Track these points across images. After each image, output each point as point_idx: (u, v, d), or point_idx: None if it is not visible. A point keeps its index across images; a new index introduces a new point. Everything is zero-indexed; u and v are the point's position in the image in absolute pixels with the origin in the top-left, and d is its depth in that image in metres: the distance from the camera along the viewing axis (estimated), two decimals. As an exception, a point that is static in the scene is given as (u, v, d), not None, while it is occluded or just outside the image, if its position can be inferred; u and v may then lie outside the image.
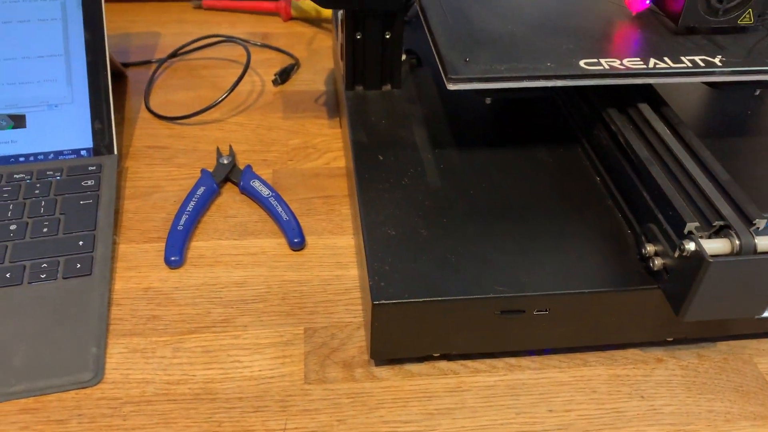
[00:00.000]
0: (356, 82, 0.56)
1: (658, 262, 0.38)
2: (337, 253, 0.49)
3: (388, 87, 0.56)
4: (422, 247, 0.41)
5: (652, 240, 0.39)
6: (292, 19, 0.80)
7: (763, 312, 0.38)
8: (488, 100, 0.47)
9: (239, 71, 0.68)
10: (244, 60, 0.71)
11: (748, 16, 0.44)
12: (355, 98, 0.55)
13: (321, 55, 0.74)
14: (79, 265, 0.46)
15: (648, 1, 0.46)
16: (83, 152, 0.55)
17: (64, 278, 0.45)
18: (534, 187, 0.46)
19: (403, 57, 0.57)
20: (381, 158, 0.48)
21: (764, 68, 0.43)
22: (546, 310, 0.39)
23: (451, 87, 0.41)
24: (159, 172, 0.56)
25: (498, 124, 0.52)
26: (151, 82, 0.67)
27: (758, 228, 0.36)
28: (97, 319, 0.43)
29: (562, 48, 0.44)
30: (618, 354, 0.43)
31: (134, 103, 0.65)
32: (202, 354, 0.42)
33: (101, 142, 0.55)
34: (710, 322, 0.42)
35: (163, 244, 0.49)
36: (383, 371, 0.42)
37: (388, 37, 0.53)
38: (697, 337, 0.44)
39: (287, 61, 0.72)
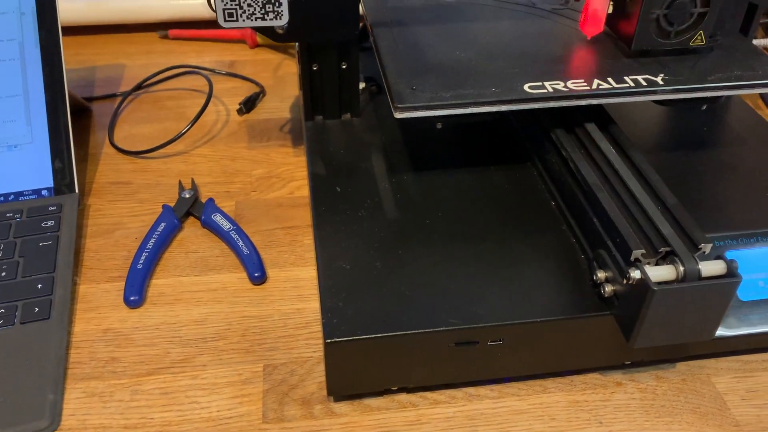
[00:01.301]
0: (315, 112, 0.56)
1: (608, 288, 0.38)
2: (298, 286, 0.49)
3: (347, 116, 0.56)
4: (377, 281, 0.41)
5: (603, 266, 0.39)
6: (258, 46, 0.81)
7: (713, 334, 0.38)
8: (439, 125, 0.48)
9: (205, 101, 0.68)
10: (208, 90, 0.71)
11: (699, 37, 0.45)
12: (314, 128, 0.55)
13: (287, 82, 0.74)
14: (37, 309, 0.45)
15: (602, 26, 0.46)
16: (44, 192, 0.55)
17: (21, 323, 0.45)
18: (489, 212, 0.46)
19: (363, 85, 0.58)
20: (339, 190, 0.48)
21: (704, 85, 0.43)
22: (500, 340, 0.39)
23: (398, 115, 0.42)
24: (121, 208, 0.56)
25: (455, 148, 0.52)
26: (115, 115, 0.67)
27: (704, 252, 0.37)
28: (55, 364, 0.43)
29: (508, 72, 0.44)
30: (577, 379, 0.43)
31: (99, 138, 0.65)
32: (160, 396, 0.42)
33: (62, 181, 0.55)
34: (678, 345, 0.42)
35: (124, 283, 0.49)
36: (342, 407, 0.41)
37: (344, 67, 0.54)
38: (656, 359, 0.44)
39: (253, 89, 0.72)
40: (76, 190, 0.55)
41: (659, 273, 0.35)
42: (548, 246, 0.43)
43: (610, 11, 0.46)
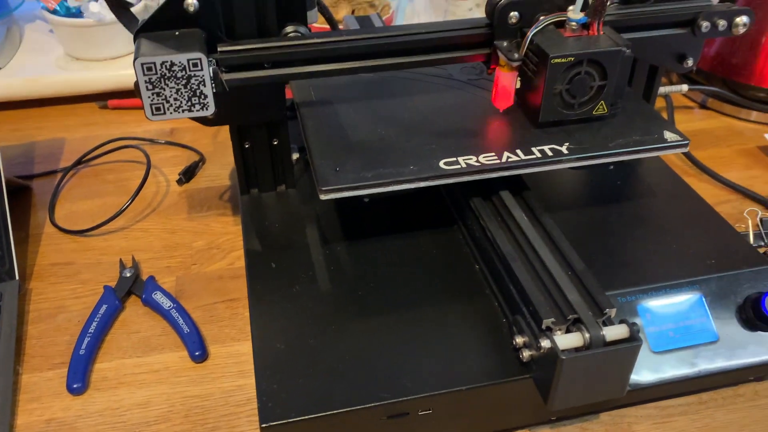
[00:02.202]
0: (250, 186, 0.58)
1: (526, 353, 0.41)
2: (240, 361, 0.51)
3: (282, 187, 0.58)
4: (310, 359, 0.43)
5: (520, 332, 0.42)
6: (198, 111, 0.82)
7: (624, 392, 0.41)
8: (366, 200, 0.50)
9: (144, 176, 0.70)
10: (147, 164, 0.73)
11: (601, 107, 0.48)
12: (250, 202, 0.57)
13: (227, 147, 0.75)
14: (-23, 406, 0.46)
15: (512, 100, 0.49)
16: (-17, 281, 0.55)
17: (-38, 421, 0.45)
18: (419, 279, 0.49)
19: (296, 156, 0.60)
20: (273, 265, 0.50)
21: (605, 152, 0.47)
22: (429, 410, 0.42)
23: (323, 197, 0.44)
24: (63, 290, 0.57)
25: (385, 217, 0.55)
26: (56, 193, 0.68)
27: (610, 317, 0.40)
28: (-3, 461, 0.43)
29: (425, 149, 0.47)
30: (507, 437, 0.45)
31: (39, 218, 0.65)
32: (104, 486, 0.43)
33: (1, 269, 0.56)
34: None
35: (67, 370, 0.50)
36: (284, 482, 0.43)
37: (275, 143, 0.56)
38: (580, 413, 0.46)
39: (193, 158, 0.74)
40: (17, 277, 0.56)
41: (567, 341, 0.38)
42: (473, 311, 0.46)
43: (518, 86, 0.49)
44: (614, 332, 0.38)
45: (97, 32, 0.81)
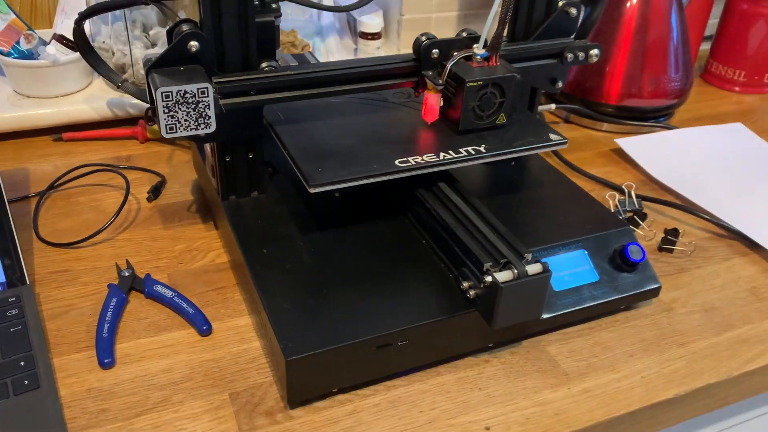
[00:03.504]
0: (230, 193, 0.70)
1: (472, 293, 0.57)
2: (240, 332, 0.62)
3: (256, 194, 0.71)
4: (312, 312, 0.56)
5: (466, 278, 0.57)
6: (148, 140, 0.92)
7: (542, 313, 0.57)
8: (337, 194, 0.64)
9: (114, 193, 0.79)
10: (116, 183, 0.82)
11: (502, 117, 0.66)
12: (231, 206, 0.69)
13: (183, 169, 0.86)
14: (26, 382, 0.54)
15: (437, 115, 0.66)
16: (-2, 287, 0.63)
17: (15, 395, 0.53)
18: (382, 253, 0.63)
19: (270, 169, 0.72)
20: (265, 251, 0.63)
21: (512, 149, 0.64)
22: (406, 341, 0.56)
23: (312, 191, 0.58)
24: (69, 292, 0.66)
25: (349, 211, 0.68)
26: (36, 214, 0.76)
27: (528, 260, 0.56)
28: (55, 422, 0.52)
29: (383, 153, 0.62)
30: (459, 363, 0.60)
31: (25, 236, 0.73)
32: (152, 430, 0.53)
33: (13, 276, 0.64)
34: (515, 327, 0.61)
35: (93, 352, 0.59)
36: (298, 412, 0.55)
37: (251, 156, 0.68)
38: (509, 340, 0.62)
39: (155, 179, 0.84)
40: (28, 282, 0.64)
41: (503, 276, 0.54)
42: (426, 272, 0.61)
43: (441, 104, 0.65)
44: (533, 268, 0.55)
45: (50, 72, 0.89)
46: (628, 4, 0.98)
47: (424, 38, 0.64)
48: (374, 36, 1.05)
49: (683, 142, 0.97)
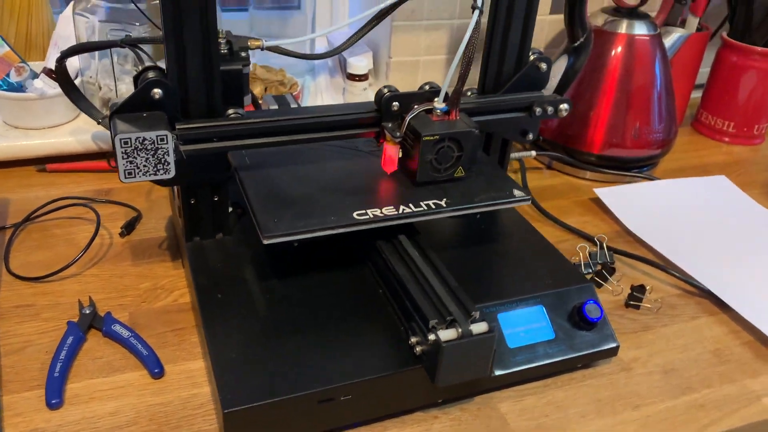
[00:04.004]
0: (194, 234, 0.70)
1: (418, 348, 0.56)
2: (192, 376, 0.63)
3: (220, 235, 0.71)
4: (257, 363, 0.56)
5: (414, 333, 0.57)
6: (130, 173, 0.93)
7: (488, 372, 0.57)
8: (296, 244, 0.64)
9: (89, 227, 0.81)
10: (92, 217, 0.83)
11: (460, 170, 0.66)
12: (194, 248, 0.70)
13: (160, 205, 0.88)
14: (-29, 421, 0.55)
15: (396, 166, 0.66)
16: (-43, 321, 0.64)
17: (-41, 434, 0.54)
18: (336, 303, 0.63)
19: (231, 210, 0.73)
20: (220, 296, 0.63)
21: (473, 205, 0.64)
22: (350, 396, 0.56)
23: (265, 242, 0.58)
24: (29, 328, 0.67)
25: (310, 258, 0.69)
26: (8, 246, 0.77)
27: (474, 318, 0.56)
28: (-6, 463, 0.53)
29: (342, 204, 0.62)
30: (407, 418, 0.60)
31: (-5, 268, 0.74)
32: (89, 475, 0.53)
33: (-26, 310, 0.64)
34: (466, 383, 0.60)
35: (43, 391, 0.59)
36: (237, 461, 0.55)
37: (216, 199, 0.69)
38: (459, 396, 0.62)
39: (131, 214, 0.85)
40: (-12, 317, 0.65)
41: (446, 334, 0.54)
42: (379, 323, 0.61)
43: (400, 156, 0.66)
44: (478, 328, 0.55)
45: (38, 105, 0.91)
46: (613, 53, 0.99)
47: (386, 90, 0.65)
48: (361, 77, 1.06)
49: (663, 194, 0.96)
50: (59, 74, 0.78)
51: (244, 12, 1.17)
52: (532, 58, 0.74)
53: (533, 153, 0.98)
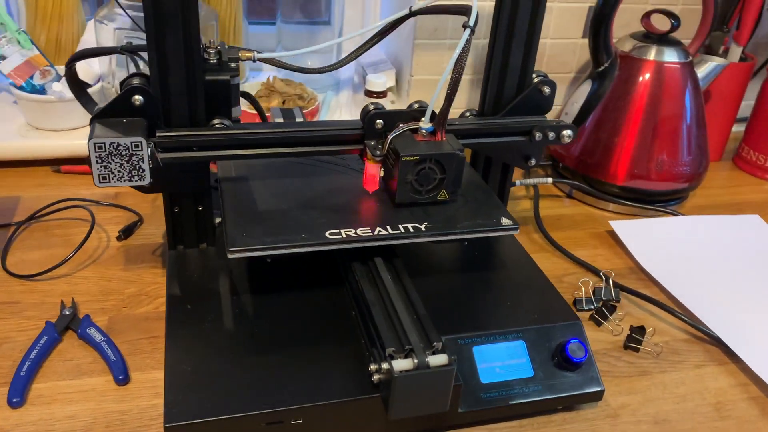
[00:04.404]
0: (177, 243, 0.70)
1: (376, 377, 0.54)
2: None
3: (204, 245, 0.71)
4: (210, 379, 0.55)
5: (374, 360, 0.55)
6: (141, 179, 0.95)
7: (446, 407, 0.54)
8: (268, 260, 0.63)
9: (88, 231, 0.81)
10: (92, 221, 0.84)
11: (443, 194, 0.63)
12: (176, 256, 0.69)
13: (162, 211, 0.88)
14: (-70, 413, 0.56)
15: (377, 185, 0.64)
16: (-59, 313, 0.65)
17: None
18: (305, 323, 0.61)
19: (219, 220, 0.73)
20: (189, 307, 0.62)
21: (455, 230, 0.61)
22: (300, 420, 0.54)
23: (230, 256, 0.57)
24: (10, 324, 0.67)
25: (288, 275, 0.67)
26: (8, 243, 0.79)
27: (437, 349, 0.53)
28: (-56, 457, 0.53)
29: (316, 222, 0.61)
30: (366, 448, 0.57)
31: (-9, 264, 0.76)
32: (33, 478, 0.53)
33: (-43, 304, 0.66)
34: (428, 418, 0.57)
35: (8, 389, 0.60)
36: (182, 478, 0.54)
37: (200, 209, 0.69)
38: (423, 430, 0.59)
39: (132, 218, 0.86)
40: (-30, 311, 0.66)
41: (401, 365, 0.51)
42: (345, 347, 0.59)
43: (382, 175, 0.64)
44: (437, 360, 0.52)
45: (57, 107, 0.94)
46: (640, 80, 0.94)
47: (371, 107, 0.63)
48: (379, 94, 1.05)
49: (685, 230, 0.91)
50: (68, 78, 0.80)
51: (271, 25, 1.18)
52: (535, 80, 0.71)
53: (549, 180, 0.95)
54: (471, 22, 0.60)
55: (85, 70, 0.93)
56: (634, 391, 0.66)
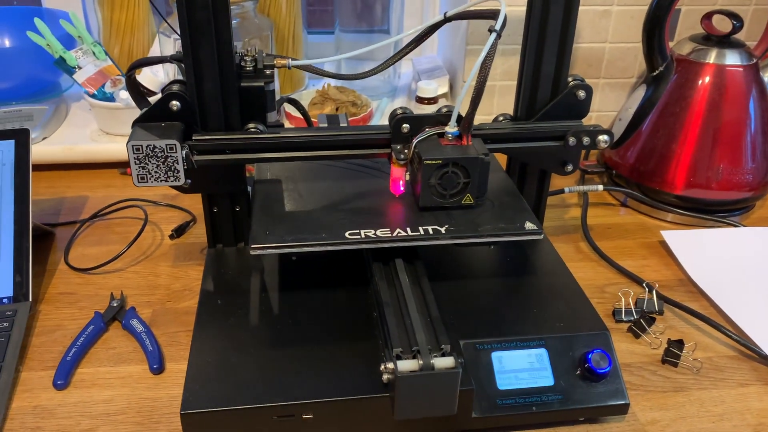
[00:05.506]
0: (216, 242, 0.74)
1: (385, 376, 0.54)
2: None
3: (242, 245, 0.74)
4: (229, 371, 0.57)
5: (384, 360, 0.55)
6: (198, 181, 1.00)
7: (453, 410, 0.53)
8: (294, 257, 0.65)
9: (147, 228, 0.87)
10: (152, 218, 0.90)
11: (468, 198, 0.63)
12: (214, 254, 0.73)
13: (215, 212, 0.92)
14: (-16, 390, 0.61)
15: (403, 189, 0.65)
16: (5, 300, 0.71)
17: (-28, 400, 0.60)
18: (327, 321, 0.63)
19: (258, 220, 0.76)
20: (219, 302, 0.65)
21: (475, 233, 0.61)
22: (311, 415, 0.55)
23: (252, 253, 0.59)
24: (64, 313, 0.73)
25: (319, 274, 0.69)
26: (72, 239, 0.85)
27: (445, 351, 0.53)
28: (-7, 431, 0.58)
29: (338, 223, 0.62)
30: (378, 447, 0.58)
31: (57, 257, 0.82)
32: (67, 455, 0.57)
33: (19, 291, 0.72)
34: (440, 421, 0.57)
35: (54, 372, 0.65)
36: (200, 464, 0.56)
37: (238, 209, 0.72)
38: (441, 431, 0.59)
39: (186, 218, 0.90)
40: (30, 299, 0.72)
41: (406, 365, 0.52)
42: (362, 346, 0.59)
43: (407, 178, 0.64)
44: (443, 362, 0.52)
45: (124, 113, 1.00)
46: (700, 82, 0.90)
47: (399, 111, 0.64)
48: (430, 101, 1.05)
49: (742, 243, 0.86)
50: (128, 85, 0.85)
51: (331, 35, 1.21)
52: (571, 84, 0.69)
53: (600, 187, 0.92)
54: (497, 26, 0.59)
55: (150, 78, 0.99)
56: (666, 407, 0.63)
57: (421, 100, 1.05)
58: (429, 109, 1.07)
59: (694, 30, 1.02)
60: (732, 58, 0.89)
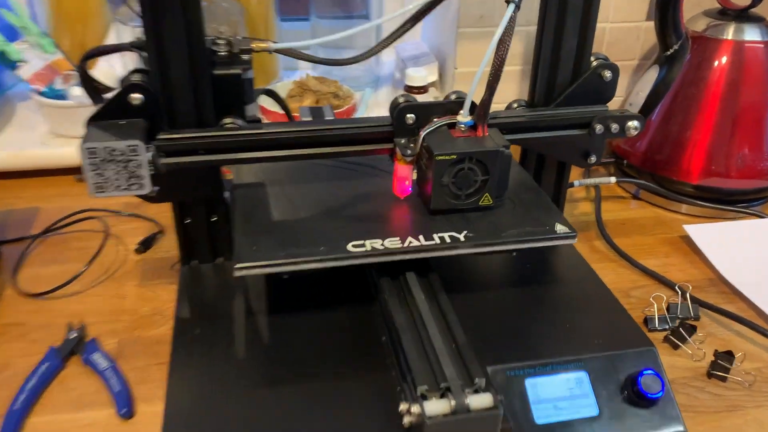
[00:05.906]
0: (190, 258, 0.63)
1: (406, 419, 0.45)
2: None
3: (221, 260, 0.64)
4: (210, 419, 0.47)
5: (404, 399, 0.46)
6: (165, 187, 0.89)
7: (491, 457, 0.44)
8: (285, 276, 0.55)
9: (108, 242, 0.76)
10: (113, 231, 0.79)
11: (486, 198, 0.54)
12: (188, 272, 0.62)
13: (187, 221, 0.82)
14: None
15: (410, 189, 0.55)
16: (-61, 337, 0.60)
17: None
18: (329, 351, 0.53)
19: (238, 231, 0.66)
20: (198, 332, 0.55)
21: (498, 241, 0.52)
22: (316, 468, 0.45)
23: (236, 274, 0.49)
24: (12, 349, 0.62)
25: (312, 292, 0.59)
26: (21, 258, 0.74)
27: (479, 387, 0.44)
28: (-77, 505, 0.47)
29: (337, 232, 0.53)
30: (397, 499, 0.49)
31: (3, 280, 0.71)
32: None
33: (-43, 326, 0.61)
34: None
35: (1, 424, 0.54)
36: None
37: (214, 219, 0.62)
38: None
39: (153, 229, 0.79)
40: (-30, 334, 0.60)
41: (434, 407, 0.42)
42: (372, 380, 0.50)
43: (414, 177, 0.55)
44: (479, 401, 0.43)
45: (78, 113, 0.89)
46: (716, 63, 0.83)
47: (401, 99, 0.55)
48: (420, 90, 0.96)
49: (773, 235, 0.78)
50: (81, 78, 0.74)
51: (305, 21, 1.11)
52: (594, 64, 0.61)
53: (612, 179, 0.84)
54: (516, -5, 0.50)
55: (107, 71, 0.87)
56: (722, 429, 0.55)
57: (410, 90, 0.96)
58: (419, 99, 0.97)
59: (701, 5, 0.95)
60: (751, 34, 0.82)
